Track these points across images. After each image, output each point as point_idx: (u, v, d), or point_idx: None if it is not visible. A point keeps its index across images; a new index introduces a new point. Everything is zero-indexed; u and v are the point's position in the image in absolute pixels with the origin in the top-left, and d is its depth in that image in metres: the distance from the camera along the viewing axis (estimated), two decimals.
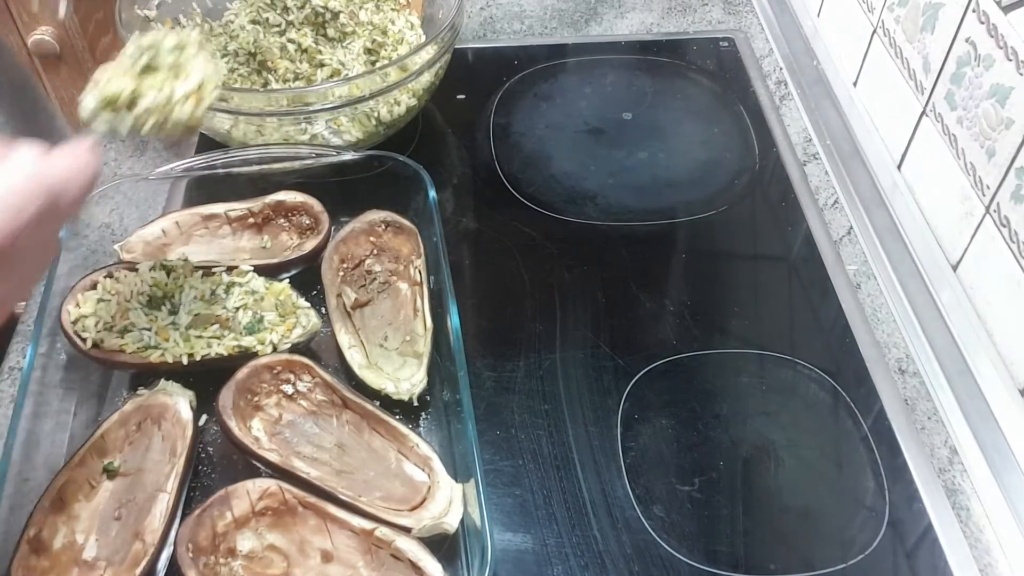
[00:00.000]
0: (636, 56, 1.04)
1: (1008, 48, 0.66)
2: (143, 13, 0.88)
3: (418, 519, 0.58)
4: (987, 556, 0.62)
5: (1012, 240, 0.66)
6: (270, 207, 0.78)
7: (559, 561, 0.61)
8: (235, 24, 0.89)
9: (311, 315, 0.70)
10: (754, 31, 1.08)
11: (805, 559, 0.61)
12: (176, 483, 0.60)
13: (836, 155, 0.90)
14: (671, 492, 0.64)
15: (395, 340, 0.72)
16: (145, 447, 0.64)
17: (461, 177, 0.90)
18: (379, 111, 0.83)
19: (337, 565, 0.58)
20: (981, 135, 0.70)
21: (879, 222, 0.83)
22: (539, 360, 0.73)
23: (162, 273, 0.70)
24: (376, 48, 0.90)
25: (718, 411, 0.69)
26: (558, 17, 1.10)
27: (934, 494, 0.64)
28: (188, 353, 0.66)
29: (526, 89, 1.00)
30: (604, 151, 0.92)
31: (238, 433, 0.62)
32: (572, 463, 0.66)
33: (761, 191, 0.88)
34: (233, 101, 0.78)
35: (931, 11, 0.77)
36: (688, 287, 0.79)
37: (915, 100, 0.80)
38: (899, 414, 0.69)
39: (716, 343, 0.74)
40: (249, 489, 0.59)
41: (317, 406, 0.67)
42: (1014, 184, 0.66)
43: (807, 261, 0.81)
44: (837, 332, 0.75)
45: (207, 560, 0.57)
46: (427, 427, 0.67)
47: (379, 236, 0.77)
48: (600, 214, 0.85)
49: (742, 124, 0.95)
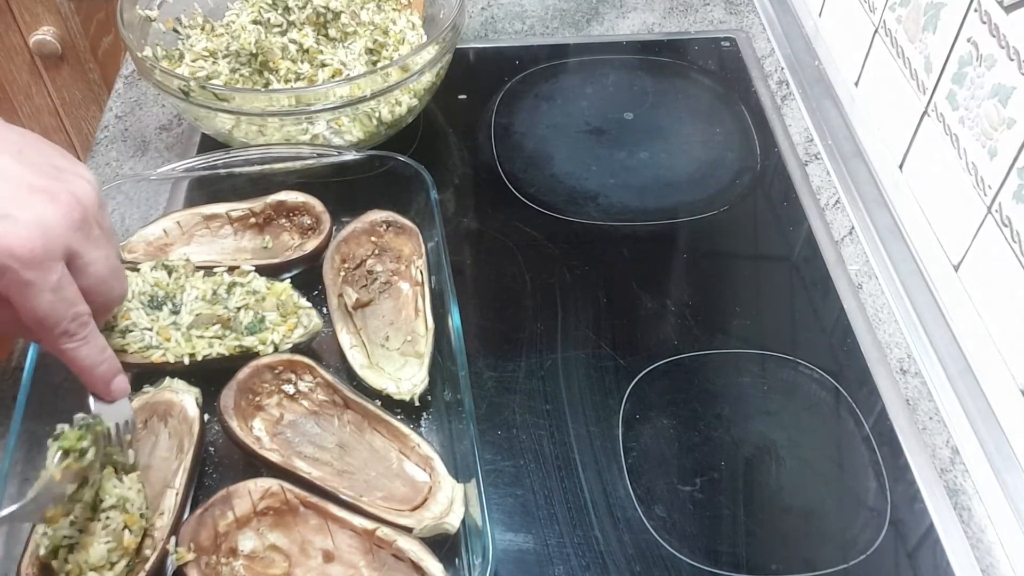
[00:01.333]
0: (637, 56, 1.04)
1: (1010, 48, 0.66)
2: (144, 13, 0.88)
3: (419, 519, 0.58)
4: (989, 557, 0.62)
5: (1014, 240, 0.66)
6: (271, 207, 0.78)
7: (560, 561, 0.61)
8: (236, 24, 0.89)
9: (312, 315, 0.70)
10: (756, 31, 1.08)
11: (807, 559, 0.61)
12: (184, 479, 0.60)
13: (838, 155, 0.90)
14: (673, 492, 0.64)
15: (396, 340, 0.72)
16: (152, 444, 0.64)
17: (462, 177, 0.90)
18: (380, 111, 0.83)
19: (338, 565, 0.58)
20: (983, 135, 0.70)
21: (881, 222, 0.83)
22: (540, 360, 0.73)
23: (163, 273, 0.70)
24: (377, 48, 0.90)
25: (719, 411, 0.69)
26: (559, 17, 1.10)
27: (936, 494, 0.64)
28: (190, 353, 0.66)
29: (527, 89, 1.00)
30: (605, 151, 0.92)
31: (239, 433, 0.62)
32: (573, 463, 0.66)
33: (763, 191, 0.88)
34: (234, 101, 0.78)
35: (933, 11, 0.77)
36: (690, 287, 0.79)
37: (917, 100, 0.80)
38: (901, 414, 0.69)
39: (718, 343, 0.74)
40: (251, 489, 0.59)
41: (318, 406, 0.67)
42: (1016, 184, 0.66)
43: (808, 261, 0.81)
44: (839, 332, 0.75)
45: (208, 560, 0.57)
46: (428, 427, 0.67)
47: (380, 236, 0.77)
48: (601, 214, 0.85)
49: (743, 124, 0.95)
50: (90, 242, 0.53)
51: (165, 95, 0.81)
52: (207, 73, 0.86)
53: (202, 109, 0.80)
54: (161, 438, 0.64)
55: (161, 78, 0.80)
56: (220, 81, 0.85)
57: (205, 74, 0.86)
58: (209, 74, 0.86)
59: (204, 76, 0.85)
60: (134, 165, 0.91)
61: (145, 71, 0.81)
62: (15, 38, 1.43)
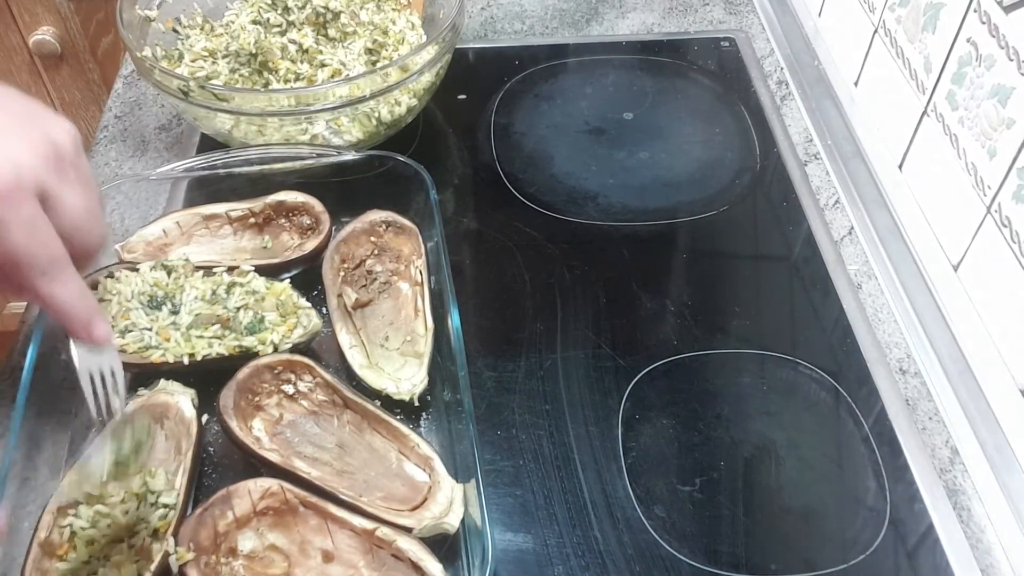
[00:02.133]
0: (637, 56, 1.04)
1: (1009, 48, 0.66)
2: (144, 13, 0.88)
3: (419, 519, 0.58)
4: (988, 557, 0.62)
5: (1013, 240, 0.66)
6: (271, 207, 0.78)
7: (560, 561, 0.61)
8: (236, 24, 0.89)
9: (312, 315, 0.70)
10: (755, 31, 1.08)
11: (806, 559, 0.61)
12: (184, 480, 0.60)
13: (837, 155, 0.90)
14: (672, 492, 0.64)
15: (396, 340, 0.72)
16: (149, 447, 0.64)
17: (462, 177, 0.90)
18: (380, 111, 0.83)
19: (338, 565, 0.58)
20: (982, 135, 0.70)
21: (880, 222, 0.83)
22: (540, 360, 0.73)
23: (163, 273, 0.70)
24: (377, 48, 0.90)
25: (719, 411, 0.69)
26: (559, 17, 1.10)
27: (935, 494, 0.64)
28: (189, 353, 0.66)
29: (527, 89, 1.00)
30: (605, 151, 0.92)
31: (239, 433, 0.62)
32: (573, 463, 0.66)
33: (762, 191, 0.88)
34: (234, 101, 0.78)
35: (932, 11, 0.77)
36: (689, 287, 0.79)
37: (916, 100, 0.80)
38: (900, 414, 0.69)
39: (717, 343, 0.74)
40: (250, 489, 0.59)
41: (318, 406, 0.67)
42: (1015, 184, 0.66)
43: (808, 261, 0.81)
44: (838, 332, 0.75)
45: (208, 559, 0.57)
46: (428, 427, 0.67)
47: (380, 236, 0.77)
48: (601, 214, 0.85)
49: (743, 124, 0.95)
50: (65, 184, 0.53)
51: (164, 95, 0.81)
52: (206, 73, 0.86)
53: (201, 109, 0.80)
54: (158, 440, 0.64)
55: (160, 78, 0.80)
56: (219, 81, 0.85)
57: (204, 74, 0.86)
58: (208, 74, 0.86)
59: (203, 76, 0.85)
60: (133, 165, 0.91)
61: (144, 71, 0.81)
62: (14, 38, 1.42)
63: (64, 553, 0.57)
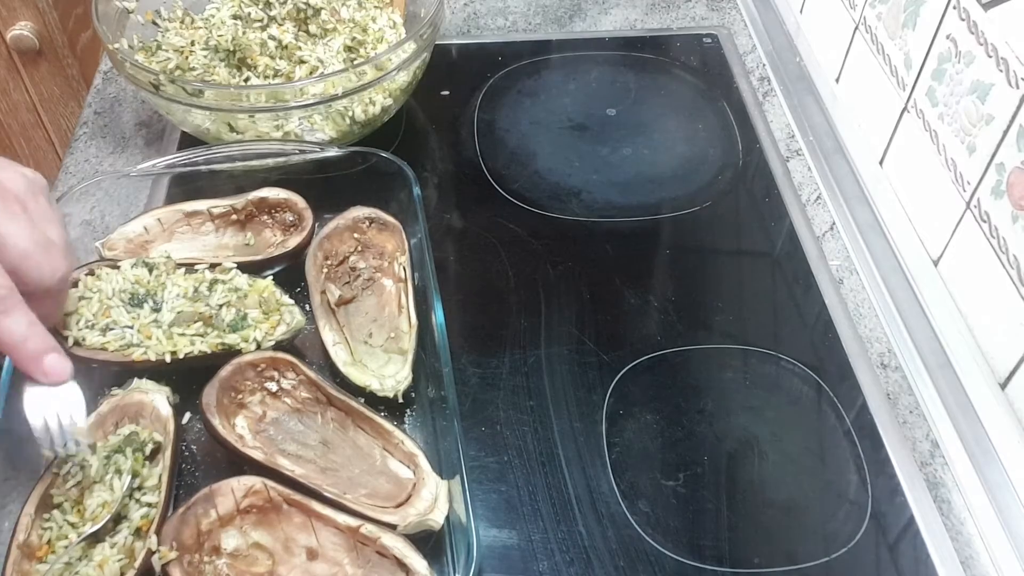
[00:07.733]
0: (620, 52, 1.04)
1: (988, 45, 0.67)
2: (122, 5, 0.87)
3: (403, 516, 0.58)
4: (968, 548, 0.62)
5: (992, 235, 0.67)
6: (253, 204, 0.78)
7: (544, 557, 0.61)
8: (216, 19, 0.88)
9: (295, 312, 0.69)
10: (737, 28, 1.08)
11: (789, 553, 0.61)
12: (165, 477, 0.60)
13: (819, 151, 0.91)
14: (656, 487, 0.64)
15: (380, 337, 0.71)
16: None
17: (445, 173, 0.90)
18: (354, 110, 0.83)
19: (322, 563, 0.58)
20: (962, 131, 0.70)
21: (861, 218, 0.83)
22: (524, 356, 0.73)
23: (144, 270, 0.70)
24: (356, 46, 0.89)
25: (702, 406, 0.69)
26: (542, 13, 1.10)
27: (916, 487, 0.65)
28: (171, 351, 0.66)
29: (510, 85, 1.00)
30: (588, 147, 0.92)
31: (222, 431, 0.62)
32: (557, 459, 0.66)
33: (744, 187, 0.89)
34: (204, 96, 0.78)
35: (912, 8, 0.77)
36: (672, 283, 0.79)
37: (897, 96, 0.81)
38: (881, 408, 0.69)
39: (700, 339, 0.74)
40: (234, 487, 0.59)
41: (301, 403, 0.66)
42: (994, 180, 0.66)
43: (790, 257, 0.81)
44: (820, 327, 0.75)
45: (191, 558, 0.57)
46: (412, 424, 0.67)
47: (363, 233, 0.77)
48: (584, 210, 0.85)
49: (725, 120, 0.96)
50: (5, 216, 0.53)
51: (138, 89, 0.80)
52: (177, 65, 0.85)
53: (172, 103, 0.79)
54: None
55: (132, 71, 0.79)
56: (195, 76, 0.84)
57: (175, 66, 0.84)
58: (180, 66, 0.85)
59: (174, 69, 0.84)
60: (114, 161, 0.90)
61: (117, 63, 0.80)
62: None
63: (43, 555, 0.56)
